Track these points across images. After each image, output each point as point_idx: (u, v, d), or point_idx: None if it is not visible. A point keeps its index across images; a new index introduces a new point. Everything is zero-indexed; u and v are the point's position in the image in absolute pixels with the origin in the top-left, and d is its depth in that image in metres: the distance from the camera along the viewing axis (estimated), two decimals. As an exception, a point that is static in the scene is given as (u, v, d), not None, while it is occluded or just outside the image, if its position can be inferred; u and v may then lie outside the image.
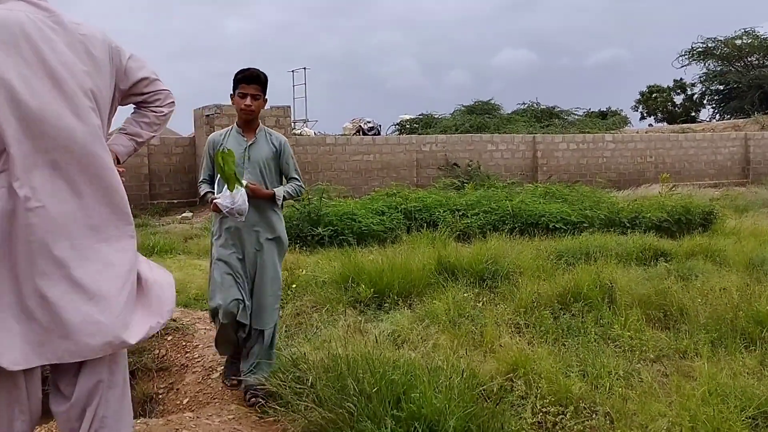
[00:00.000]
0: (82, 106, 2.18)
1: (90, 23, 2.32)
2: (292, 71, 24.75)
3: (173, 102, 2.57)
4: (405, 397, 3.10)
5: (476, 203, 11.05)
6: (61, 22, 2.21)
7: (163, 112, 2.54)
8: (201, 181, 4.12)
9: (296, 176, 4.11)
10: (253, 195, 3.78)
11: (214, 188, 3.99)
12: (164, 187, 17.20)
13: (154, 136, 2.60)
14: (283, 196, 4.00)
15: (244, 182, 3.73)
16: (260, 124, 4.06)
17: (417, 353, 4.20)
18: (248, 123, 3.98)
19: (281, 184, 4.11)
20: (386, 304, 5.70)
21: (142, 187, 16.76)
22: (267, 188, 3.96)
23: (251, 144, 3.98)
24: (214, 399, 4.09)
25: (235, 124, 4.05)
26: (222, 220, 3.92)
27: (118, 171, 2.34)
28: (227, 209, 3.65)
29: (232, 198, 3.64)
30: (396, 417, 2.97)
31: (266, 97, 3.99)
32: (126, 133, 2.52)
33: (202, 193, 4.07)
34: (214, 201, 3.74)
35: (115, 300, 2.19)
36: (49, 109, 2.11)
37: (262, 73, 3.90)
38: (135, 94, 2.46)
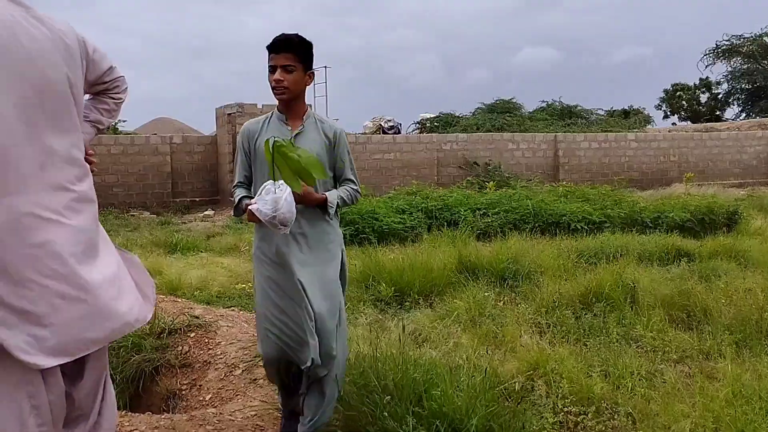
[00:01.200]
0: (63, 114, 2.18)
1: (56, 16, 2.26)
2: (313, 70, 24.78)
3: (127, 87, 2.59)
4: (426, 396, 3.11)
5: (497, 202, 11.03)
6: (40, 17, 2.15)
7: (121, 98, 2.57)
8: (236, 185, 3.22)
9: (352, 178, 3.25)
10: (299, 200, 2.90)
11: (251, 192, 3.13)
12: (186, 186, 17.37)
13: (111, 122, 2.63)
14: (337, 203, 3.13)
15: (281, 183, 2.84)
16: (308, 108, 3.22)
17: (438, 352, 4.21)
18: (290, 106, 3.12)
19: (335, 186, 3.25)
20: (407, 303, 5.72)
21: (164, 185, 16.94)
22: (316, 191, 3.07)
23: (298, 134, 3.12)
24: (237, 395, 4.13)
25: (275, 108, 3.20)
26: (262, 236, 3.11)
27: (89, 157, 2.37)
28: (267, 217, 2.77)
29: (274, 202, 2.76)
30: (417, 415, 2.98)
31: (311, 70, 3.12)
32: (89, 120, 2.52)
33: (237, 199, 3.16)
34: (249, 207, 2.86)
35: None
36: (22, 121, 2.07)
37: (297, 37, 3.03)
38: (99, 83, 2.47)
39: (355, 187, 3.25)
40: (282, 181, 2.82)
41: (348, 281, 3.43)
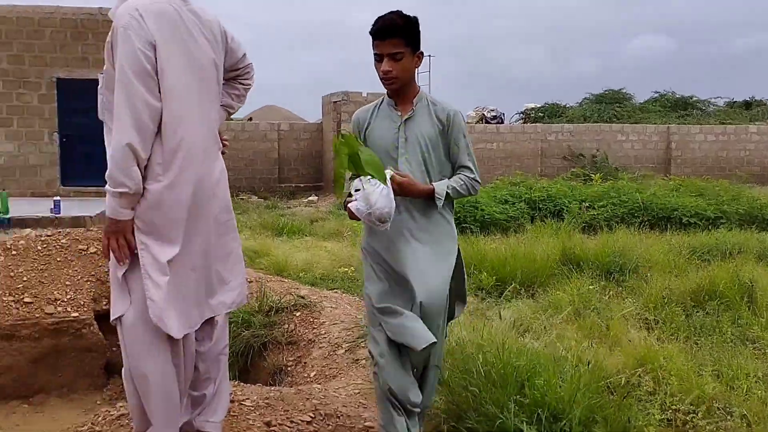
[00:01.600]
0: (216, 97, 2.47)
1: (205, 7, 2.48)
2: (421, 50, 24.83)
3: (254, 74, 2.77)
4: (528, 384, 3.10)
5: (604, 194, 10.74)
6: (194, 10, 2.37)
7: (250, 85, 2.75)
8: (351, 177, 2.88)
9: (469, 164, 2.85)
10: (401, 192, 2.66)
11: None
12: (292, 172, 17.93)
13: (240, 107, 2.82)
14: (447, 193, 2.77)
15: (388, 173, 2.63)
16: (419, 90, 2.88)
17: (540, 342, 4.17)
18: (400, 91, 2.83)
19: (451, 175, 2.88)
20: (508, 293, 5.68)
21: (271, 171, 17.57)
22: (430, 181, 2.80)
23: (408, 119, 2.82)
24: (340, 373, 4.26)
25: (385, 94, 2.92)
26: (369, 228, 2.83)
27: (222, 140, 2.60)
28: (364, 215, 2.61)
29: (366, 198, 2.58)
30: (519, 403, 2.98)
31: (419, 50, 2.80)
32: (222, 105, 2.67)
33: (348, 192, 2.87)
34: (349, 205, 2.69)
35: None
36: (196, 103, 2.36)
37: (401, 17, 2.72)
38: (233, 70, 2.65)
39: (471, 176, 2.84)
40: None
41: (465, 281, 3.03)
